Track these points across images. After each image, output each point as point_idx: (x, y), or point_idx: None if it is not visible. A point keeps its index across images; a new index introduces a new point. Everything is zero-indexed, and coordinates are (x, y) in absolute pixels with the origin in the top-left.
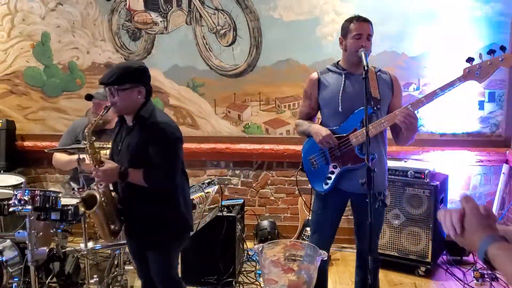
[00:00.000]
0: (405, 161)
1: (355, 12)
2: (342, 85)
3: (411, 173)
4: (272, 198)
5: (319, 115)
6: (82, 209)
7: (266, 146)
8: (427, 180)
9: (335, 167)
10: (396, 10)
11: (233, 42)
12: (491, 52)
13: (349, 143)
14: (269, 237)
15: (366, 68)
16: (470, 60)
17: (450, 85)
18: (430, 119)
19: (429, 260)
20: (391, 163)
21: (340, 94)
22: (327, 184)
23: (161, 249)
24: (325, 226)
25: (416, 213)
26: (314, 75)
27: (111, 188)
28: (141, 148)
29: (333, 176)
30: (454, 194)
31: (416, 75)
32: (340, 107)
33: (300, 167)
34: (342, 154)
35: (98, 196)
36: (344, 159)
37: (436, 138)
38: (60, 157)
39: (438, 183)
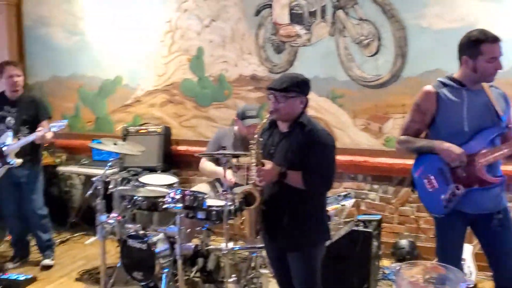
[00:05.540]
0: None
1: None
2: (467, 102)
3: None
4: (413, 216)
5: None
6: (240, 205)
7: (408, 161)
8: None
9: (457, 188)
10: None
11: (376, 52)
12: None
13: (475, 163)
14: (407, 257)
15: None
16: None
17: None
18: None
19: None
20: None
21: (465, 112)
22: (447, 207)
23: (306, 251)
24: (452, 253)
25: None
26: (431, 89)
27: None
28: (300, 153)
29: (454, 198)
30: None
31: None
32: (466, 126)
33: (412, 187)
34: (467, 174)
35: (258, 195)
36: (469, 179)
37: None
38: (206, 166)
39: None
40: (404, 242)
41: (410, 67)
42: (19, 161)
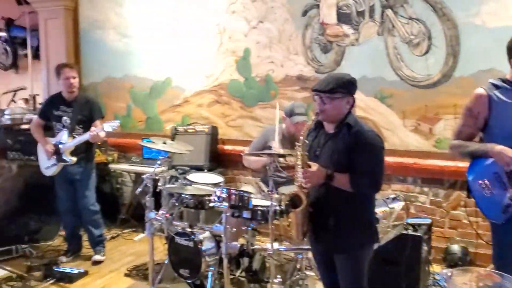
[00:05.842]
0: None
1: None
2: None
3: None
4: (465, 221)
5: None
6: (287, 208)
7: (460, 164)
8: None
9: None
10: None
11: (427, 52)
12: None
13: None
14: (459, 263)
15: None
16: None
17: None
18: None
19: None
20: None
21: None
22: (506, 212)
23: (353, 253)
24: (510, 260)
25: None
26: (483, 92)
27: None
28: (347, 154)
29: None
30: None
31: None
32: None
33: (468, 193)
34: None
35: (304, 197)
36: None
37: None
38: (250, 157)
39: None
40: (455, 248)
41: (462, 66)
42: (74, 159)
